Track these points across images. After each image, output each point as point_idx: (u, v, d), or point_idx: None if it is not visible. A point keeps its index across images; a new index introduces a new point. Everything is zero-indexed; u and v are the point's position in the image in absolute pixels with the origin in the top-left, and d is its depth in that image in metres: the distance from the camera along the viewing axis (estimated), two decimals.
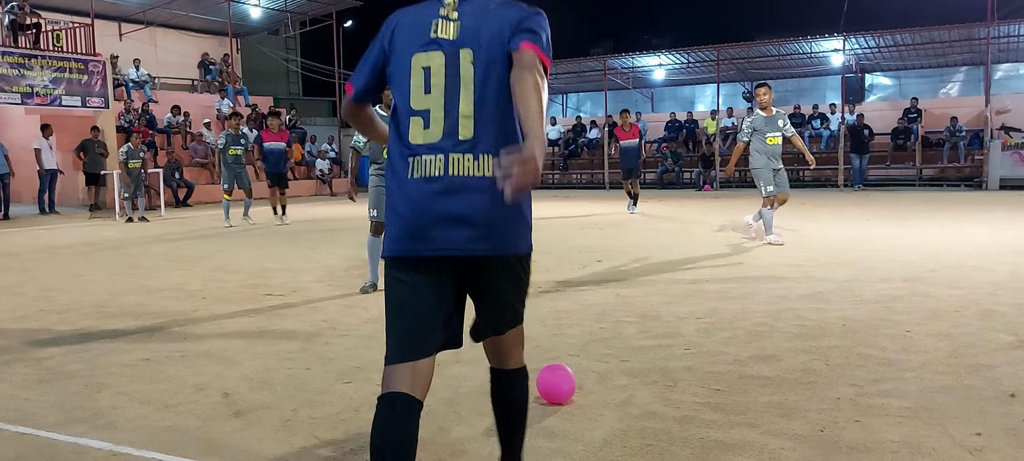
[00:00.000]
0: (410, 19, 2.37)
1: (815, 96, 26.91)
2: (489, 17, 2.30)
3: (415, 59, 2.30)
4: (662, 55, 26.54)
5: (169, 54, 26.90)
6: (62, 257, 9.95)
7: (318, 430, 3.44)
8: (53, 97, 18.79)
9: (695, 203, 17.29)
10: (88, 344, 5.13)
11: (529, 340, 4.82)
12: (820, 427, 3.33)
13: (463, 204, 2.22)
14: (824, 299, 6.05)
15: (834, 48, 24.00)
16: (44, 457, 3.21)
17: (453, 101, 2.26)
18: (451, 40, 2.28)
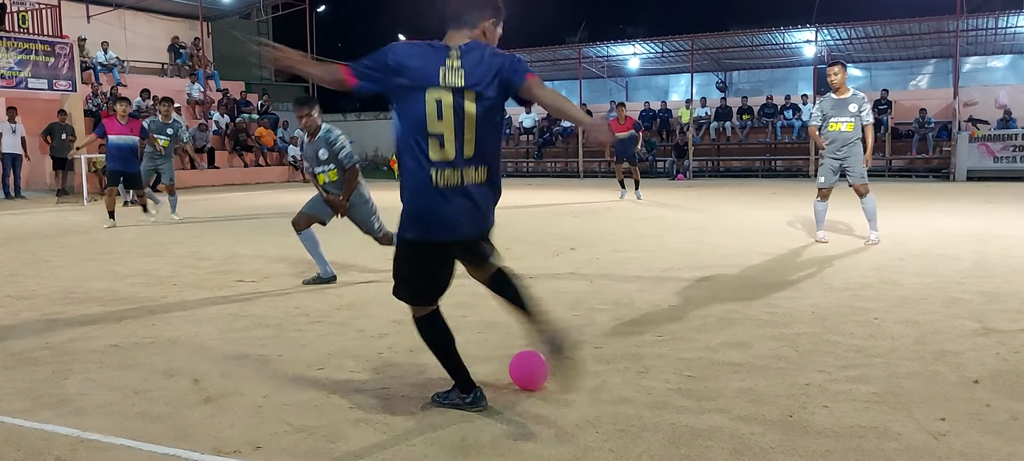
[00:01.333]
0: (420, 63, 3.12)
1: (788, 86, 27.14)
2: (485, 66, 3.14)
3: (429, 92, 3.10)
4: (636, 44, 26.61)
5: (138, 37, 26.50)
6: (29, 242, 9.79)
7: (290, 416, 3.42)
8: (19, 79, 18.45)
9: (668, 192, 17.39)
10: (56, 330, 5.06)
11: (501, 326, 4.85)
12: (789, 412, 3.37)
13: (469, 203, 3.19)
14: (794, 287, 6.12)
15: (806, 39, 24.21)
16: (10, 444, 3.17)
17: (461, 129, 3.12)
18: (458, 87, 3.11)
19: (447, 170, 3.13)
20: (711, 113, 24.94)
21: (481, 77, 3.12)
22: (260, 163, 24.49)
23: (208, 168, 22.49)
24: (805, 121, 23.17)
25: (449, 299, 5.77)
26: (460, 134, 3.12)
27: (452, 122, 3.10)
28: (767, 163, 24.11)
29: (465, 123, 3.12)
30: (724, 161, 24.75)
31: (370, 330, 4.93)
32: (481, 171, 3.20)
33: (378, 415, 3.43)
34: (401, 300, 3.45)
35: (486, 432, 3.22)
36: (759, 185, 19.27)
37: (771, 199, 14.77)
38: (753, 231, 9.77)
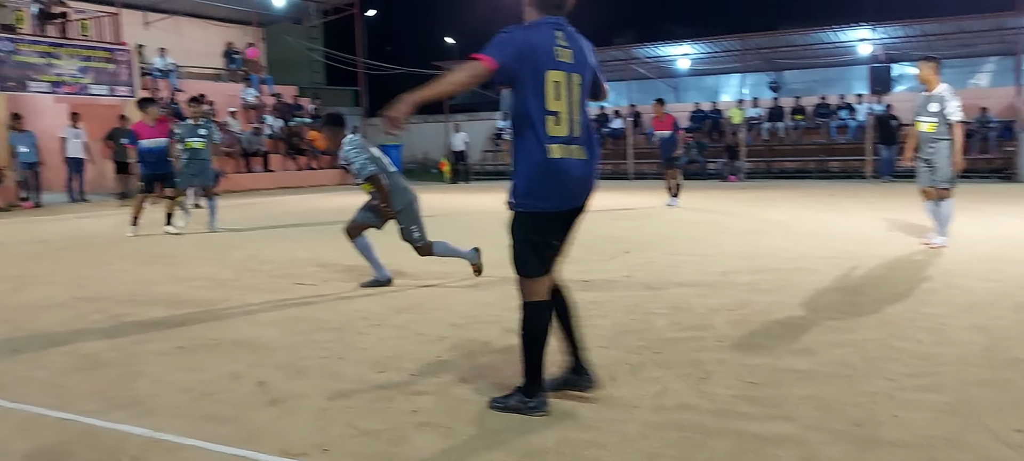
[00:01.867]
0: (540, 42, 3.31)
1: (841, 86, 26.62)
2: (581, 49, 3.45)
3: (548, 74, 3.31)
4: (686, 45, 26.36)
5: (194, 43, 27.07)
6: (93, 245, 10.07)
7: (354, 419, 3.46)
8: (81, 86, 19.00)
9: (721, 194, 17.19)
10: (123, 332, 5.19)
11: (558, 331, 4.84)
12: (857, 421, 3.30)
13: (580, 174, 3.43)
14: (857, 291, 6.00)
15: (861, 37, 23.73)
16: (86, 443, 3.26)
17: (571, 108, 3.38)
18: (569, 64, 3.37)
19: (562, 145, 3.36)
20: (763, 113, 24.58)
21: (582, 60, 3.44)
22: (313, 166, 24.84)
23: (263, 172, 22.90)
24: (860, 121, 22.71)
25: (506, 302, 5.79)
26: (572, 113, 3.39)
27: (566, 100, 3.36)
28: (821, 164, 23.66)
29: (574, 104, 3.39)
30: (777, 162, 24.37)
31: (429, 333, 4.97)
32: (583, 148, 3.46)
33: (441, 419, 3.45)
34: (528, 276, 3.45)
35: (549, 438, 3.22)
36: (814, 187, 18.93)
37: (828, 201, 14.50)
38: (811, 234, 9.60)
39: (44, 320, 5.61)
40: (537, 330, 3.46)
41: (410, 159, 32.47)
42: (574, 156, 3.40)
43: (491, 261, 7.95)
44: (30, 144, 17.05)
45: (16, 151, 16.95)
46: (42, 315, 5.78)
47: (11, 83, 17.61)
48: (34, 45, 18.12)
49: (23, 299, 6.43)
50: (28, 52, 17.95)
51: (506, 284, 6.59)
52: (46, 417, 3.56)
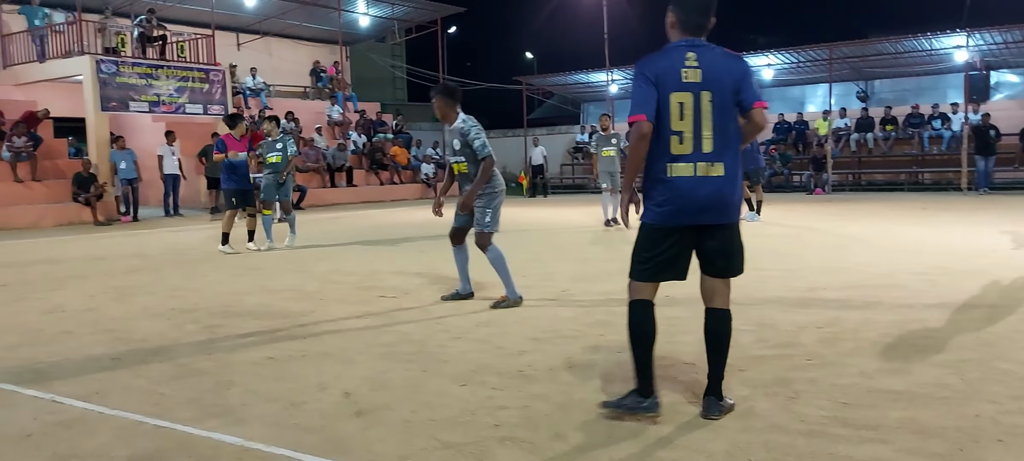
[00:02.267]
0: (665, 67, 3.50)
1: (935, 95, 25.60)
2: (720, 69, 3.52)
3: (672, 97, 3.47)
4: (770, 55, 25.83)
5: (283, 62, 27.98)
6: (188, 258, 10.47)
7: (438, 432, 3.49)
8: (177, 105, 19.83)
9: (806, 207, 16.74)
10: (217, 342, 5.37)
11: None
12: (959, 446, 3.16)
13: (704, 192, 3.49)
14: (954, 309, 5.75)
15: (956, 44, 22.79)
16: (182, 450, 3.38)
17: (700, 126, 3.48)
18: (697, 84, 3.47)
19: (683, 164, 3.50)
20: (851, 124, 23.85)
21: (717, 77, 3.51)
22: (395, 181, 25.28)
23: (347, 186, 23.42)
24: (955, 131, 21.82)
25: (587, 316, 5.77)
26: (698, 131, 3.49)
27: (691, 119, 3.48)
28: (913, 176, 22.82)
29: (702, 121, 3.49)
30: (866, 174, 23.61)
31: (509, 347, 4.98)
32: (720, 167, 3.52)
33: (523, 433, 3.45)
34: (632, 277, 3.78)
35: (634, 455, 3.18)
36: (905, 199, 18.26)
37: (920, 214, 13.96)
38: (902, 249, 9.26)
39: (143, 330, 5.85)
40: (635, 329, 3.70)
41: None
42: (701, 174, 3.49)
43: (571, 277, 7.93)
44: (130, 161, 17.87)
45: (116, 168, 17.79)
46: (141, 325, 6.03)
47: (113, 103, 18.51)
48: (135, 67, 19.00)
49: (124, 310, 6.73)
50: (129, 73, 18.84)
51: (586, 301, 6.56)
52: (144, 424, 3.71)
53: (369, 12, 27.75)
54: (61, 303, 7.11)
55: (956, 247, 9.30)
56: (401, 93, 38.08)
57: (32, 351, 5.25)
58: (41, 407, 4.01)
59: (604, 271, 8.16)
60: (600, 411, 3.67)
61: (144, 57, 19.74)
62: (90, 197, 17.06)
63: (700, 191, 3.48)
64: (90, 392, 4.24)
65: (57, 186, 17.86)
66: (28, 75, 19.74)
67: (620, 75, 29.04)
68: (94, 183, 17.24)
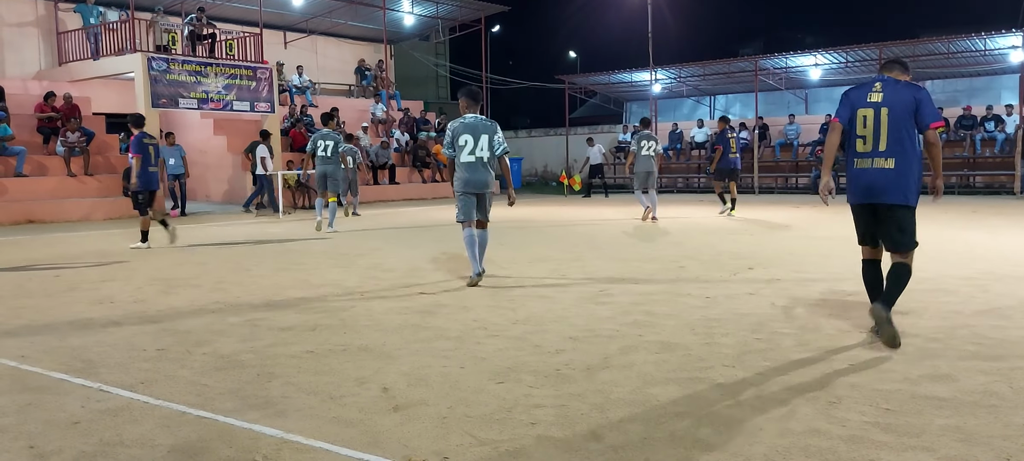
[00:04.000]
0: (858, 93, 5.07)
1: (989, 96, 25.00)
2: (898, 94, 4.94)
3: (858, 111, 5.01)
4: (818, 54, 25.44)
5: (328, 61, 28.30)
6: (233, 252, 10.65)
7: (474, 429, 3.50)
8: (225, 102, 20.16)
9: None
10: (258, 335, 5.46)
11: (680, 348, 4.79)
12: (1007, 455, 3.08)
13: (881, 179, 4.93)
14: (1003, 315, 5.61)
15: (1012, 44, 22.23)
16: (223, 441, 3.44)
17: (878, 133, 4.93)
18: (878, 102, 4.94)
19: (866, 160, 5.02)
20: None
21: (895, 100, 4.93)
22: (437, 179, 25.41)
23: (389, 184, 23.61)
24: (1009, 133, 21.26)
25: (626, 316, 5.75)
26: (878, 137, 4.95)
27: (872, 127, 4.97)
28: (964, 179, 22.29)
29: (881, 129, 4.94)
30: None
31: (546, 346, 4.98)
32: (891, 162, 4.92)
33: (558, 432, 3.44)
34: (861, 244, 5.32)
35: (671, 457, 3.15)
36: (956, 203, 17.84)
37: (971, 218, 13.63)
38: (952, 253, 9.05)
39: (188, 322, 5.97)
40: (864, 277, 5.31)
41: (530, 172, 32.74)
42: (876, 166, 4.95)
43: (610, 276, 7.90)
44: (178, 157, 18.23)
45: (166, 163, 18.15)
46: (187, 317, 6.16)
47: (164, 100, 18.88)
48: (185, 64, 19.37)
49: (170, 302, 6.87)
50: (179, 71, 19.21)
51: (625, 301, 6.53)
52: (187, 414, 3.78)
53: (414, 11, 27.93)
54: (110, 294, 7.28)
55: (1007, 252, 9.06)
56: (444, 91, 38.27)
57: (81, 340, 5.38)
58: (89, 395, 4.12)
59: (643, 271, 8.11)
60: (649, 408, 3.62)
61: (194, 55, 20.12)
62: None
63: (875, 179, 5.01)
64: (136, 381, 4.34)
65: (108, 181, 18.28)
66: (82, 72, 20.25)
67: (664, 74, 28.85)
68: None
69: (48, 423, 3.69)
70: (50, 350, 5.14)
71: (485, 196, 7.51)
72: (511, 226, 14.10)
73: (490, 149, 7.43)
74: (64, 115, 18.42)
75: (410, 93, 30.86)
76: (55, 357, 4.94)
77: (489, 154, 7.43)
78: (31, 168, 17.45)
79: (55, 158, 18.09)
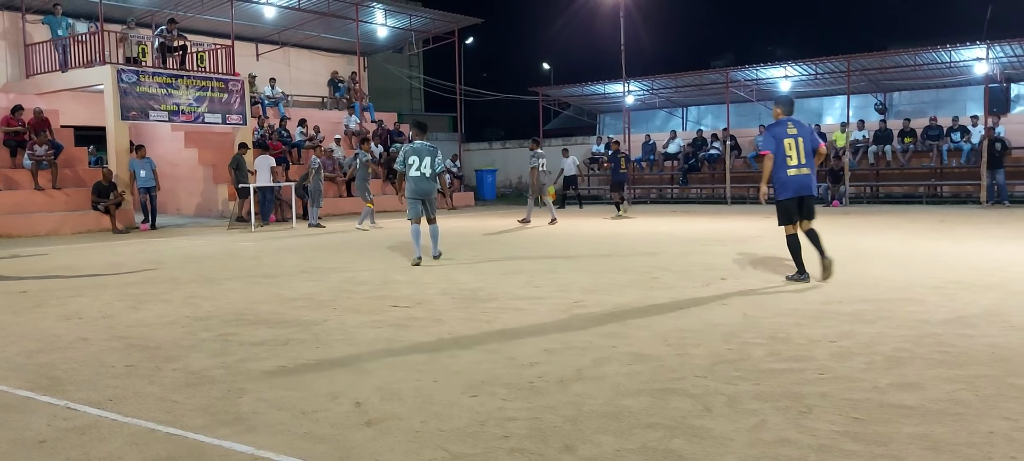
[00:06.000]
0: (779, 131, 7.76)
1: (955, 107, 25.42)
2: (802, 129, 7.83)
3: (785, 141, 7.72)
4: (788, 66, 25.74)
5: (301, 73, 28.17)
6: (204, 266, 10.54)
7: (447, 443, 3.49)
8: (197, 115, 19.98)
9: (823, 220, 16.57)
10: (229, 350, 5.41)
11: (652, 359, 4.82)
12: None
13: (806, 181, 7.75)
14: (969, 324, 5.70)
15: (977, 56, 22.64)
16: (193, 458, 3.40)
17: (797, 151, 7.70)
18: (795, 134, 7.73)
19: (795, 171, 7.70)
20: (869, 136, 23.71)
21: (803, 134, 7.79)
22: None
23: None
24: (974, 144, 21.63)
25: (599, 327, 5.77)
26: (800, 156, 7.68)
27: (796, 151, 7.69)
28: (932, 189, 22.64)
29: (801, 152, 7.70)
30: (884, 187, 23.46)
31: (520, 358, 4.98)
32: (810, 173, 7.76)
33: (532, 445, 3.45)
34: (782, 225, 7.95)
35: None
36: (923, 212, 18.12)
37: (938, 227, 13.85)
38: (919, 262, 9.19)
39: (158, 337, 5.90)
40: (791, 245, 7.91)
41: (505, 184, 32.79)
42: (802, 173, 7.73)
43: (584, 288, 7.92)
44: (149, 169, 18.03)
45: (136, 176, 17.95)
46: (156, 332, 6.09)
47: (133, 112, 18.67)
48: (155, 77, 19.18)
49: (140, 316, 6.79)
50: (150, 83, 19.01)
51: (599, 313, 6.56)
52: (156, 432, 3.74)
53: (387, 23, 27.89)
54: (78, 310, 7.18)
55: (974, 261, 9.21)
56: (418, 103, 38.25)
57: (49, 357, 5.30)
58: (56, 413, 4.05)
59: (616, 283, 8.14)
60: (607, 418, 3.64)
61: (164, 67, 19.93)
62: (109, 204, 17.21)
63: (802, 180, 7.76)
64: (104, 399, 4.28)
65: (77, 194, 18.04)
66: (50, 84, 19.98)
67: (637, 86, 29.04)
68: (113, 191, 17.39)
69: (13, 442, 3.63)
70: (16, 367, 5.05)
71: (429, 201, 10.01)
72: (485, 238, 14.11)
73: (431, 167, 9.90)
74: (32, 128, 18.18)
75: (384, 105, 30.79)
76: (21, 374, 4.86)
77: (430, 171, 9.90)
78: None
79: (22, 171, 17.83)
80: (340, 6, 24.92)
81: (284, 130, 23.54)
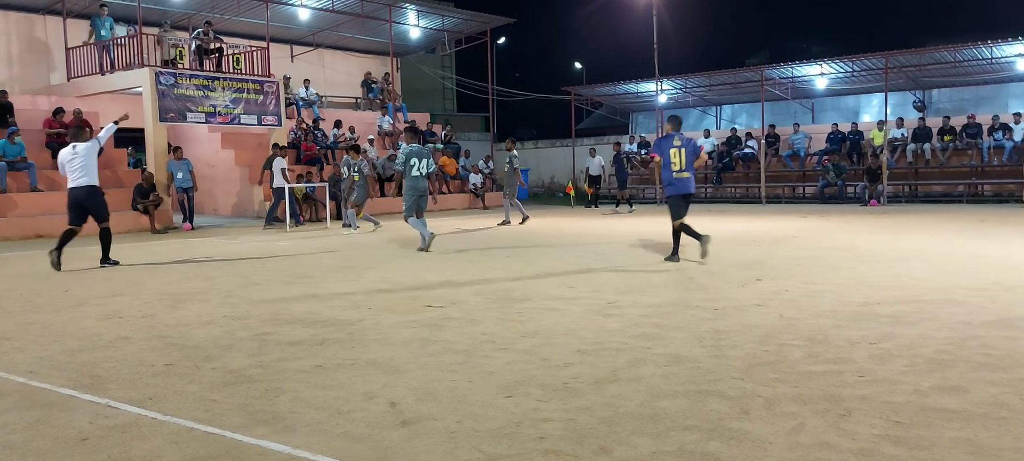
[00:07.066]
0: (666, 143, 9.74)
1: (996, 105, 24.91)
2: (684, 141, 9.66)
3: (671, 150, 9.63)
4: (824, 64, 25.41)
5: (335, 74, 28.41)
6: (242, 266, 10.67)
7: (482, 443, 3.50)
8: (233, 116, 20.24)
9: (861, 219, 16.40)
10: (267, 350, 5.46)
11: (688, 360, 4.78)
12: None
13: (689, 183, 9.71)
14: (1013, 326, 5.58)
15: (1018, 52, 22.17)
16: (231, 457, 3.44)
17: (680, 159, 9.60)
18: (680, 145, 9.62)
19: (680, 173, 9.55)
20: (908, 134, 23.32)
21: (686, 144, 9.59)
22: (443, 190, 25.43)
23: (396, 196, 23.60)
24: (1016, 141, 21.18)
25: (635, 330, 5.74)
26: (681, 161, 9.54)
27: (680, 157, 9.55)
28: (973, 188, 22.22)
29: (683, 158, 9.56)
30: (923, 186, 23.07)
31: (554, 359, 4.97)
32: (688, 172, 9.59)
33: (567, 446, 3.44)
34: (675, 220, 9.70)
35: None
36: (964, 212, 17.78)
37: (979, 227, 13.58)
38: (960, 263, 9.02)
39: (196, 336, 5.98)
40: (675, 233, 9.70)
41: (537, 183, 32.76)
42: (685, 177, 9.55)
43: (618, 288, 7.88)
44: (186, 171, 18.29)
45: (173, 177, 18.23)
46: (195, 332, 6.17)
47: (171, 114, 18.97)
48: (192, 79, 19.47)
49: (178, 316, 6.89)
50: (187, 85, 19.30)
51: (633, 313, 6.52)
52: (195, 430, 3.79)
53: (420, 24, 28.02)
54: (118, 309, 7.31)
55: (1016, 262, 9.02)
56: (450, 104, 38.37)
57: (90, 356, 5.40)
58: (97, 411, 4.13)
59: (651, 284, 8.10)
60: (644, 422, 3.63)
61: (201, 69, 20.21)
62: (148, 205, 17.49)
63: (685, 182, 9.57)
64: (144, 397, 4.35)
65: (117, 195, 18.29)
66: (90, 87, 20.35)
67: (669, 85, 28.86)
68: (153, 192, 17.67)
69: (56, 440, 3.70)
70: (59, 366, 5.15)
71: (425, 196, 12.01)
72: (518, 238, 14.11)
73: (428, 168, 11.81)
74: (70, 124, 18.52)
75: (416, 105, 30.94)
76: (64, 373, 4.96)
77: (427, 170, 11.84)
78: (40, 183, 17.54)
79: None
80: (373, 7, 25.09)
81: (319, 131, 23.74)
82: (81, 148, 10.74)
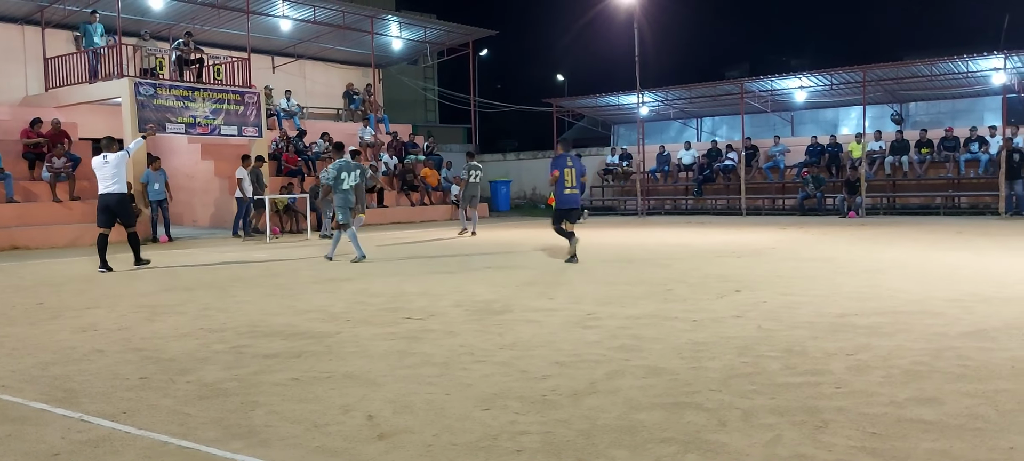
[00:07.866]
0: (561, 162, 11.16)
1: (972, 118, 25.23)
2: (575, 162, 11.29)
3: (566, 169, 11.14)
4: (803, 77, 25.65)
5: (316, 85, 28.34)
6: (219, 278, 10.59)
7: (459, 456, 3.47)
8: (213, 127, 20.13)
9: (839, 231, 16.53)
10: (243, 363, 5.41)
11: (666, 373, 4.78)
12: None
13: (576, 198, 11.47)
14: (989, 337, 5.62)
15: (994, 66, 22.46)
16: None
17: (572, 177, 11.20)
18: (572, 166, 11.19)
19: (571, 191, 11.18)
20: (886, 147, 23.56)
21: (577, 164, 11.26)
22: (425, 202, 25.41)
23: (377, 207, 23.58)
24: (992, 155, 21.44)
25: (613, 341, 5.74)
26: (574, 179, 11.17)
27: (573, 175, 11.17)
28: (950, 200, 22.46)
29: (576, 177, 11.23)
30: (900, 198, 23.30)
31: (532, 372, 4.96)
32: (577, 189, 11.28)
33: (544, 459, 3.42)
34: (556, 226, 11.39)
35: None
36: (941, 223, 17.97)
37: (956, 239, 13.72)
38: (937, 275, 9.10)
39: (172, 349, 5.92)
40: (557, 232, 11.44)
41: (519, 194, 32.79)
42: (574, 193, 11.22)
43: (597, 299, 7.89)
44: (162, 182, 18.12)
45: (148, 188, 18.04)
46: (170, 344, 6.10)
47: (150, 125, 18.83)
48: (172, 89, 19.35)
49: (154, 328, 6.82)
50: (167, 96, 19.18)
51: (612, 325, 6.53)
52: (169, 444, 3.74)
53: (402, 35, 28.02)
54: (94, 322, 7.22)
55: (993, 273, 9.11)
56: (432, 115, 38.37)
57: (64, 369, 5.33)
58: (70, 426, 4.07)
59: (629, 295, 8.11)
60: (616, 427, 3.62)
61: (181, 80, 20.10)
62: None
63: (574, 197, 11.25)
64: (118, 411, 4.29)
65: (95, 206, 18.13)
66: (69, 97, 20.18)
67: (651, 97, 29.01)
68: (131, 203, 17.48)
69: (28, 455, 3.64)
70: (32, 379, 5.08)
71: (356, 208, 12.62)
72: (498, 250, 14.10)
73: (358, 180, 12.44)
74: (50, 141, 18.36)
75: (398, 117, 30.90)
76: (36, 386, 4.89)
77: (357, 182, 12.38)
78: (16, 195, 17.34)
79: (40, 184, 18.00)
80: (355, 19, 25.07)
81: (300, 142, 23.65)
82: (112, 158, 11.72)
